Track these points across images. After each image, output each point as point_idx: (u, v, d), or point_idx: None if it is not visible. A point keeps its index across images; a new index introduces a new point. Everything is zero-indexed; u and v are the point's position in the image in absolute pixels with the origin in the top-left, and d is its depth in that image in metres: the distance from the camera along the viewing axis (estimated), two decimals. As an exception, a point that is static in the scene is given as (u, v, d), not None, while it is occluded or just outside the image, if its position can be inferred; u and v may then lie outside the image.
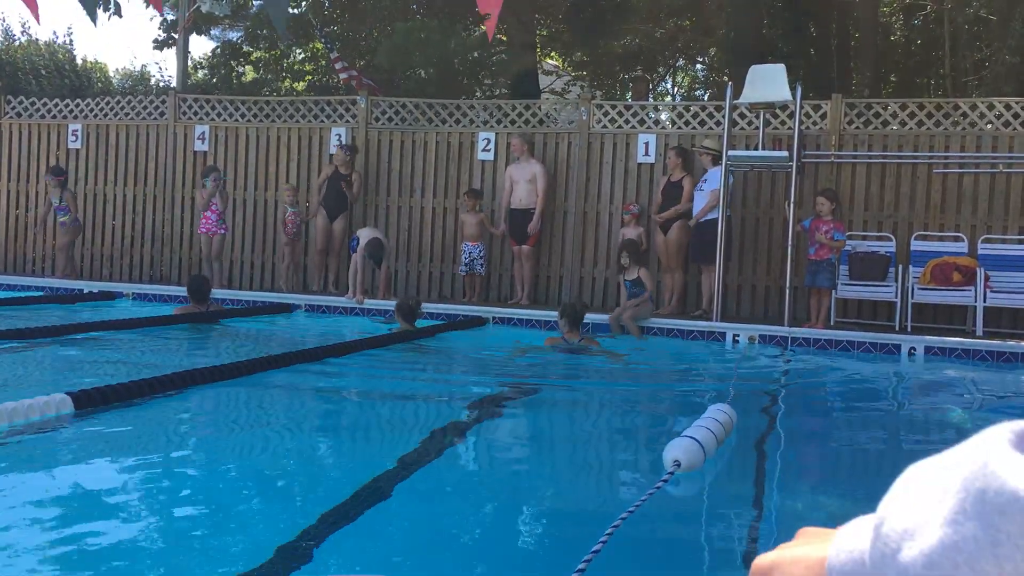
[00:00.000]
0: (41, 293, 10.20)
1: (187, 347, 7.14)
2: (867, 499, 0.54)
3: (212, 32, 17.68)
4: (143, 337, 7.04)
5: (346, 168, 10.63)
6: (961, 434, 0.47)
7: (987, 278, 8.80)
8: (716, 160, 9.25)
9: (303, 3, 17.32)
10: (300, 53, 19.53)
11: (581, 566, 1.70)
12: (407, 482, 3.11)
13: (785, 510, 3.15)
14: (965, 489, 0.44)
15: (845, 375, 7.21)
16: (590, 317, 8.28)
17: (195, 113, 12.00)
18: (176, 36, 16.43)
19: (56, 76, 18.69)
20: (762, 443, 4.14)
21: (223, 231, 10.74)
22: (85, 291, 10.41)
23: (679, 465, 2.87)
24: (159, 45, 17.28)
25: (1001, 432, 0.45)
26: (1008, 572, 0.41)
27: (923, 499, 0.46)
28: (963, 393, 6.56)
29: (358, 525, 2.59)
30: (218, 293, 9.68)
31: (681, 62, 21.70)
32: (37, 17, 10.58)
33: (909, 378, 7.22)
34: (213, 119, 11.90)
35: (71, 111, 12.43)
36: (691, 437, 3.01)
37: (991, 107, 9.61)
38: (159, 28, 17.51)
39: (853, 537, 0.51)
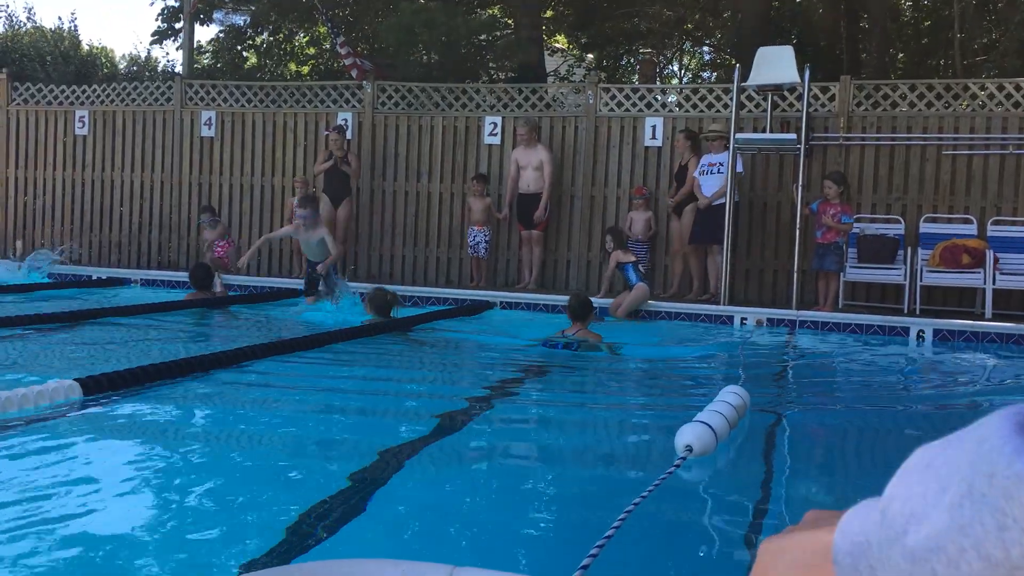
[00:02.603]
0: (49, 280, 10.24)
1: (195, 333, 7.16)
2: (874, 482, 0.53)
3: (215, 16, 17.61)
4: (152, 323, 7.07)
5: (341, 151, 10.57)
6: (968, 417, 0.47)
7: (996, 260, 8.76)
8: (727, 144, 9.21)
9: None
10: (304, 36, 19.48)
11: (594, 551, 1.71)
12: (409, 468, 3.12)
13: (793, 493, 3.15)
14: (972, 473, 0.43)
15: (853, 358, 7.20)
16: (597, 303, 8.24)
17: (201, 99, 11.99)
18: (176, 27, 16.39)
19: (62, 62, 18.70)
20: (770, 426, 4.14)
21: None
22: (94, 277, 10.45)
23: (691, 450, 2.87)
24: (158, 37, 17.20)
25: (1008, 415, 0.45)
26: (1015, 557, 0.41)
27: (930, 482, 0.46)
28: (971, 376, 6.55)
29: (366, 509, 2.61)
30: (224, 278, 9.70)
31: (688, 44, 21.58)
32: None
33: (917, 361, 7.20)
34: (219, 104, 11.89)
35: (77, 97, 12.44)
36: (703, 422, 3.00)
37: (1001, 88, 9.54)
38: (157, 19, 17.42)
39: (859, 520, 0.51)
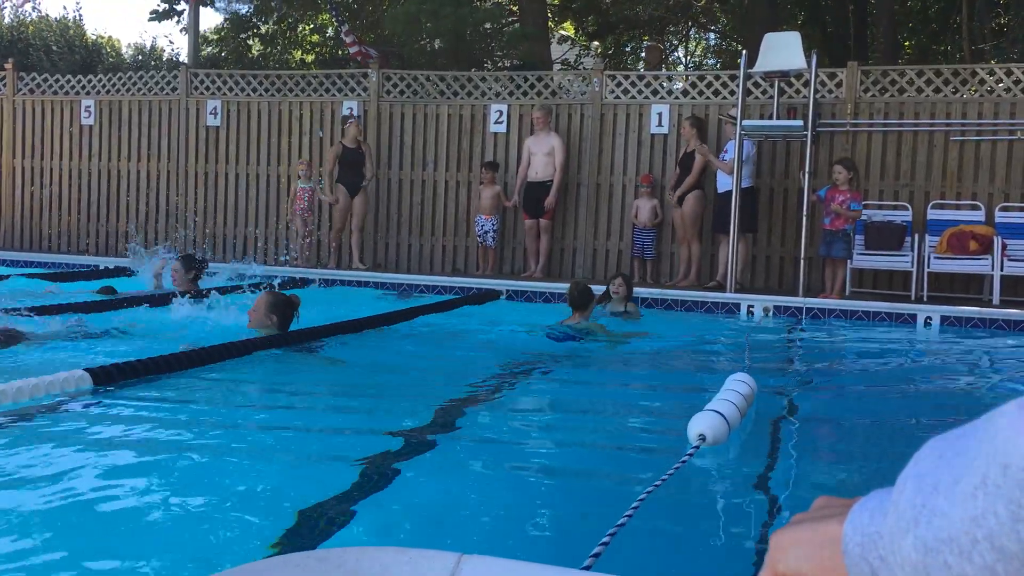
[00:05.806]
0: (58, 270, 10.26)
1: (207, 324, 7.16)
2: (885, 470, 0.54)
3: (218, 4, 17.53)
4: (162, 314, 7.07)
5: (355, 142, 10.53)
6: (979, 406, 0.47)
7: (1004, 246, 8.74)
8: None
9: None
10: (308, 23, 19.44)
11: (606, 539, 1.71)
12: (417, 456, 3.13)
13: (803, 480, 3.16)
14: (986, 464, 0.43)
15: (861, 346, 7.18)
16: (598, 290, 8.18)
17: (207, 88, 11.98)
18: (178, 8, 16.32)
19: (67, 52, 18.70)
20: (780, 415, 4.13)
21: None
22: (101, 267, 10.47)
23: (704, 439, 2.86)
24: (157, 16, 17.02)
25: (1021, 406, 0.45)
26: (1030, 549, 0.41)
27: (942, 473, 0.46)
28: (980, 363, 6.53)
29: (374, 497, 2.62)
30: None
31: (694, 30, 21.49)
32: None
33: (925, 348, 7.18)
34: (225, 93, 11.89)
35: (83, 87, 12.44)
36: (715, 411, 2.99)
37: (1009, 73, 9.49)
38: None
39: (869, 510, 0.51)
